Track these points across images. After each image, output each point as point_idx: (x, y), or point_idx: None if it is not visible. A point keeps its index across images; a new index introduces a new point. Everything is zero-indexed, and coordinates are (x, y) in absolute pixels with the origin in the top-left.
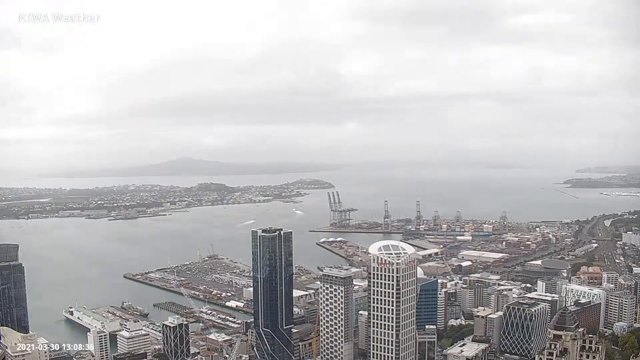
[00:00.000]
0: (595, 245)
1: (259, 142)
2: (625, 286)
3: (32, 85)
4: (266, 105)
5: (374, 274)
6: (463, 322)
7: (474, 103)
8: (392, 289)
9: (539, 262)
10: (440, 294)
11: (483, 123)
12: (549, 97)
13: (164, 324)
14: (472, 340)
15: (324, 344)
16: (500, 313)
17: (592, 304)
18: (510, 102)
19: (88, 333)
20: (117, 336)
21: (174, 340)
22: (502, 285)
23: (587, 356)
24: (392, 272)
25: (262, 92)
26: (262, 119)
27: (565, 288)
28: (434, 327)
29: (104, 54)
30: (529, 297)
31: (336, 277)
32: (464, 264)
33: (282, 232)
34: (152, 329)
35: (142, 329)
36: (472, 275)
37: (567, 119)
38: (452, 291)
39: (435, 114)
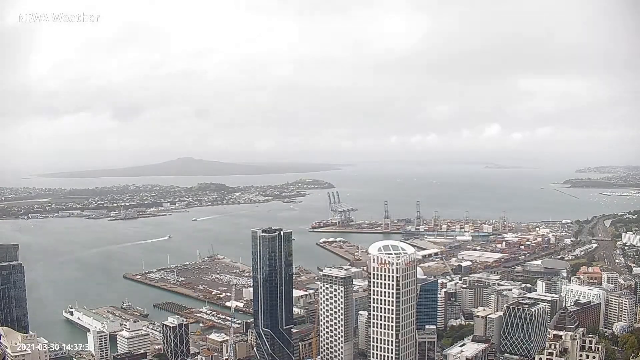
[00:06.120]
0: (595, 245)
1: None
2: (625, 286)
3: None
4: None
5: (374, 274)
6: (463, 322)
7: None
8: (392, 289)
9: (539, 262)
10: (440, 294)
11: None
12: None
13: (164, 324)
14: (472, 340)
15: (324, 344)
16: (500, 313)
17: (592, 304)
18: None
19: (88, 333)
20: (117, 336)
21: (173, 340)
22: (502, 285)
23: (587, 356)
24: (392, 272)
25: None
26: None
27: (565, 288)
28: (434, 327)
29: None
30: (529, 297)
31: (336, 277)
32: (464, 264)
33: (282, 232)
34: (152, 329)
35: (142, 329)
36: (472, 275)
37: None
38: (452, 291)
39: None
